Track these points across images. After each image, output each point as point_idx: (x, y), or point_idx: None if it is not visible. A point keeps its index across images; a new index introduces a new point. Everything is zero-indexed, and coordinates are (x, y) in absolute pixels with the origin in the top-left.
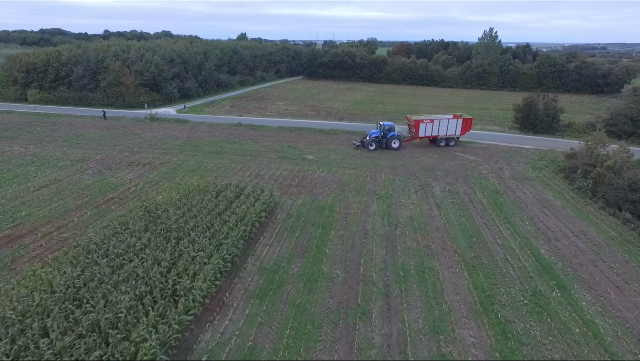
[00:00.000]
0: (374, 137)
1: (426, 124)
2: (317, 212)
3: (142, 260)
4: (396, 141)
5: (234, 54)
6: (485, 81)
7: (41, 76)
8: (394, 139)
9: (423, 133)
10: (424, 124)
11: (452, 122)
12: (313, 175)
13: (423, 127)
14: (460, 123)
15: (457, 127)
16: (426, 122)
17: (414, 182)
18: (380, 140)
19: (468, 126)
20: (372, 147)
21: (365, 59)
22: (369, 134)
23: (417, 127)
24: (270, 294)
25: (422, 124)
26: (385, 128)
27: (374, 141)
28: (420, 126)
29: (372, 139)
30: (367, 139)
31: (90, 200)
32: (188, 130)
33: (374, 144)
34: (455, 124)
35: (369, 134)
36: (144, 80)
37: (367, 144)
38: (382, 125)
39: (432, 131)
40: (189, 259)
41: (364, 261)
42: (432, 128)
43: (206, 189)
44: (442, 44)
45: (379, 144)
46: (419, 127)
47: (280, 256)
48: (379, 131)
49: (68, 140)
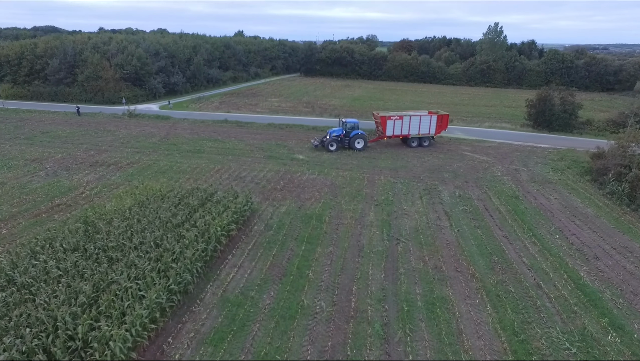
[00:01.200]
0: (335, 136)
1: (394, 122)
2: (302, 222)
3: (52, 294)
4: (360, 140)
5: (226, 49)
6: (490, 78)
7: (14, 70)
8: (357, 138)
9: (391, 132)
10: (392, 121)
11: (425, 120)
12: (301, 177)
13: (391, 125)
14: (435, 121)
15: (430, 125)
16: (394, 119)
17: (419, 185)
18: (343, 139)
19: (444, 124)
20: (333, 148)
21: (365, 55)
22: (330, 133)
23: (383, 125)
24: (228, 339)
25: (389, 121)
26: (348, 126)
27: (334, 140)
28: (388, 124)
29: (333, 138)
30: (327, 138)
31: (31, 207)
32: (168, 127)
33: (335, 144)
34: (428, 121)
35: (329, 133)
36: (125, 74)
37: (327, 144)
38: (345, 122)
39: (402, 130)
40: (118, 292)
41: (357, 289)
42: (402, 126)
43: (168, 195)
44: (444, 40)
45: (341, 144)
46: (386, 124)
47: (249, 282)
48: (341, 129)
49: (31, 138)
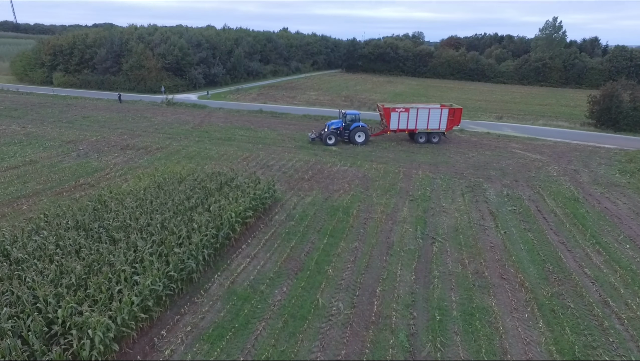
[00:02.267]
0: (334, 129)
1: (399, 114)
2: (327, 214)
3: (42, 272)
4: (361, 134)
5: (267, 42)
6: (545, 77)
7: (67, 59)
8: (358, 131)
9: (395, 125)
10: (396, 113)
11: (435, 113)
12: (332, 168)
13: (395, 118)
14: (446, 115)
15: (441, 119)
16: (399, 112)
17: (461, 182)
18: (342, 132)
19: (456, 119)
20: (331, 142)
21: (410, 51)
22: (328, 125)
23: (387, 118)
24: (228, 336)
25: (393, 114)
26: (347, 118)
27: (333, 133)
28: (392, 116)
29: (331, 131)
30: (325, 131)
31: (55, 185)
32: (203, 115)
33: (333, 137)
34: (438, 115)
35: (327, 125)
36: (167, 63)
37: (325, 138)
38: (345, 114)
39: (408, 123)
40: (111, 275)
41: (382, 292)
42: (408, 119)
43: (187, 178)
44: (496, 37)
45: (340, 137)
46: (390, 117)
47: (261, 275)
48: (341, 121)
49: (72, 121)
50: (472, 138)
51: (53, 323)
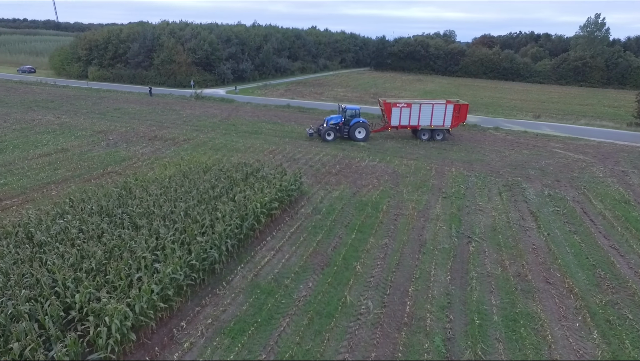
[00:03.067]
0: (333, 124)
1: (401, 109)
2: (355, 209)
3: (62, 255)
4: (361, 129)
5: (296, 39)
6: (586, 76)
7: (101, 53)
8: (358, 127)
9: (397, 121)
10: (398, 108)
11: (439, 109)
12: (360, 163)
13: (396, 114)
14: (451, 111)
15: (445, 115)
16: (401, 107)
17: (497, 181)
18: (341, 128)
19: (462, 115)
20: (330, 138)
21: (441, 49)
22: (327, 121)
23: (388, 113)
24: (250, 331)
25: (394, 109)
26: (347, 113)
27: (332, 129)
28: (393, 112)
29: (330, 126)
30: (323, 127)
31: (84, 173)
32: (230, 109)
33: (332, 133)
34: (442, 111)
35: (326, 121)
36: (197, 58)
37: (324, 133)
38: (345, 109)
39: (410, 120)
40: (131, 261)
41: (415, 291)
42: (410, 115)
43: (212, 168)
44: (532, 36)
45: (340, 133)
46: (391, 113)
47: (286, 269)
48: (340, 116)
49: (103, 113)
50: (508, 136)
51: (70, 308)
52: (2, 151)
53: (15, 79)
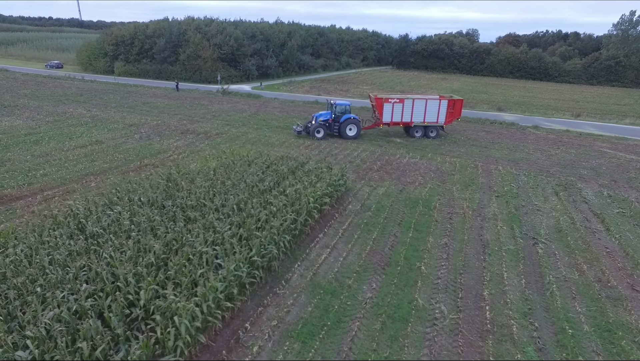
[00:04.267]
0: (323, 121)
1: (393, 105)
2: (406, 207)
3: (118, 248)
4: (353, 126)
5: (319, 36)
6: (619, 76)
7: (128, 49)
8: (349, 124)
9: (389, 118)
10: (390, 104)
11: (433, 105)
12: (401, 160)
13: (388, 110)
14: (445, 107)
15: (439, 111)
16: (393, 103)
17: (549, 180)
18: (331, 125)
19: (456, 111)
20: (320, 135)
21: (465, 47)
22: (316, 117)
23: (379, 109)
24: (321, 335)
25: (386, 105)
26: (337, 109)
27: (321, 126)
28: (385, 108)
29: (320, 123)
30: (312, 124)
31: (121, 165)
32: (258, 105)
33: (322, 130)
34: (436, 107)
35: (315, 117)
36: (222, 54)
37: (313, 131)
38: (334, 105)
39: (403, 116)
40: (192, 256)
41: (490, 295)
42: (403, 111)
43: (255, 161)
44: (559, 35)
45: (329, 130)
46: (383, 108)
47: (345, 268)
48: (329, 113)
49: (133, 107)
50: (549, 135)
51: (132, 305)
52: (39, 143)
53: (44, 73)
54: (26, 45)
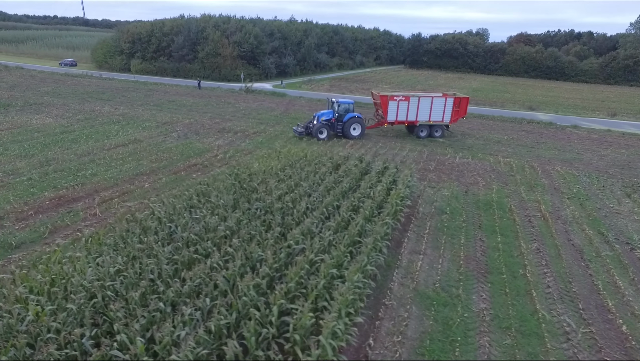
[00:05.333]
0: (325, 120)
1: (398, 103)
2: (479, 209)
3: (224, 257)
4: (357, 126)
5: (334, 34)
6: (637, 76)
7: (144, 46)
8: (353, 123)
9: (394, 116)
10: (395, 102)
11: (438, 103)
12: (452, 160)
13: (393, 108)
14: (451, 105)
15: (445, 110)
16: (398, 100)
17: (614, 182)
18: (334, 125)
19: (462, 110)
20: (323, 136)
21: (480, 47)
22: (317, 117)
23: (384, 107)
24: (456, 353)
25: (391, 102)
26: (341, 108)
27: (324, 126)
28: (390, 105)
29: (323, 123)
30: (314, 124)
31: (168, 165)
32: (285, 103)
33: (325, 130)
34: (442, 105)
35: (317, 116)
36: (242, 52)
37: (316, 131)
38: (338, 103)
39: (408, 114)
40: (307, 265)
41: (615, 307)
42: (408, 110)
43: (319, 161)
44: (572, 34)
45: (332, 130)
46: (388, 106)
47: (445, 276)
48: (332, 112)
49: (159, 105)
50: (592, 135)
51: (261, 324)
52: (77, 141)
53: (59, 71)
54: (36, 43)
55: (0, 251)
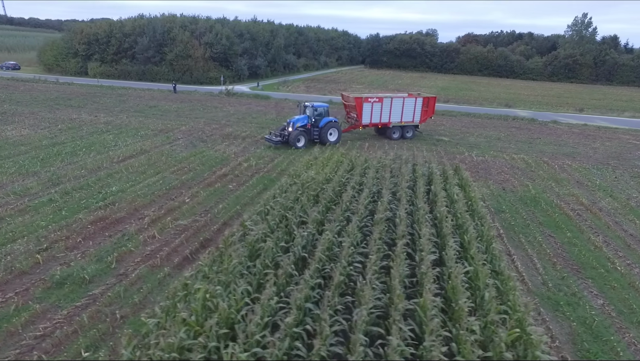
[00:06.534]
0: (301, 127)
1: (372, 105)
2: (527, 206)
3: (376, 276)
4: (333, 131)
5: (299, 35)
6: (576, 74)
7: (103, 48)
8: (330, 127)
9: (368, 119)
10: (369, 104)
11: (409, 103)
12: (470, 159)
13: (368, 110)
14: (420, 105)
15: (415, 110)
16: (372, 102)
17: (622, 173)
18: (310, 130)
19: (430, 109)
20: (301, 144)
21: (436, 47)
22: (292, 123)
23: (359, 110)
24: (615, 353)
25: (366, 105)
26: (316, 112)
27: (302, 133)
28: (364, 108)
29: (300, 130)
30: (289, 131)
31: (195, 176)
32: (273, 106)
33: (303, 138)
34: (412, 105)
35: (291, 123)
36: (215, 53)
37: (294, 139)
38: (313, 107)
39: (382, 116)
40: (501, 286)
41: None
42: (382, 111)
43: (366, 165)
44: (514, 35)
45: (309, 136)
46: (362, 109)
47: (549, 275)
48: (306, 117)
49: (141, 111)
50: (573, 130)
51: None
52: (76, 154)
53: (5, 75)
54: None
55: (74, 287)
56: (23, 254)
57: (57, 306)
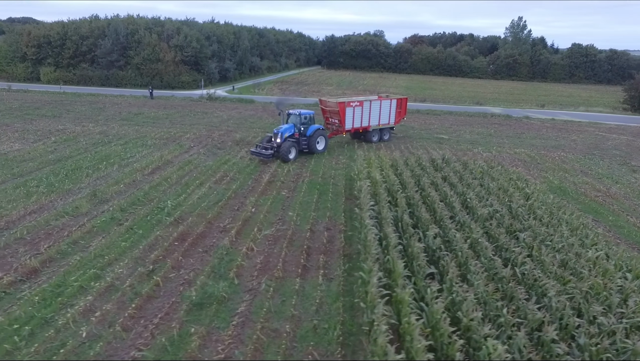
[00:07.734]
0: (290, 137)
1: (354, 109)
2: (567, 196)
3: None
4: (321, 138)
5: (260, 37)
6: (516, 72)
7: (57, 52)
8: (318, 136)
9: (350, 124)
10: (351, 108)
11: (386, 105)
12: (481, 155)
13: (350, 115)
14: (395, 106)
15: (391, 112)
16: (354, 106)
17: (610, 162)
18: (299, 140)
19: (403, 110)
20: (292, 156)
21: (390, 47)
22: (280, 134)
23: (342, 115)
24: None
25: (348, 109)
26: (304, 120)
27: (293, 144)
28: (347, 113)
29: (291, 141)
30: (278, 142)
31: (242, 184)
32: (261, 110)
33: (294, 149)
34: (388, 107)
35: (279, 133)
36: (186, 57)
37: (285, 152)
38: (299, 115)
39: (362, 120)
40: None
41: None
42: (362, 115)
43: (423, 165)
44: (456, 36)
45: (298, 146)
46: (345, 114)
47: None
48: (292, 126)
49: (128, 119)
50: (546, 124)
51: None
52: (97, 169)
53: None
54: None
55: (216, 306)
56: (136, 278)
57: (215, 327)
